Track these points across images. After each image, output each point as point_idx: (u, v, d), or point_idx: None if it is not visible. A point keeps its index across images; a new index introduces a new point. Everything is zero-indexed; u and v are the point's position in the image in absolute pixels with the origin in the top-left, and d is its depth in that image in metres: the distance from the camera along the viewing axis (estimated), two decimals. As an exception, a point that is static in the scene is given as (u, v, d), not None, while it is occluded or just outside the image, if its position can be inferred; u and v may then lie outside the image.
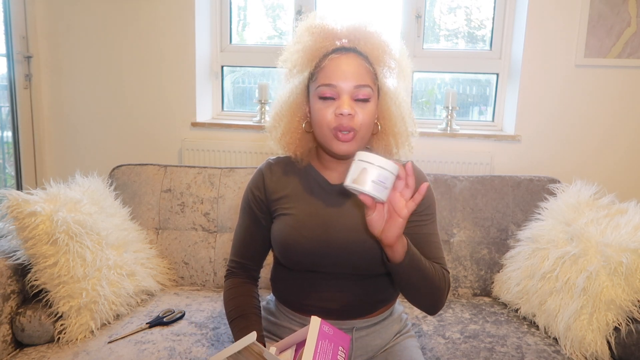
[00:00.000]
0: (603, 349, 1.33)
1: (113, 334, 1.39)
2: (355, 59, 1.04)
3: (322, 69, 1.04)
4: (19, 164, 2.29)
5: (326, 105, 1.03)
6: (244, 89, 2.53)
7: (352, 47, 1.07)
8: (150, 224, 1.81)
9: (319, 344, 0.90)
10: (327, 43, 1.07)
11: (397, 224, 0.90)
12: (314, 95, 1.05)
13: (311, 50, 1.07)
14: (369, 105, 1.04)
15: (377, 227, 0.91)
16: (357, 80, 1.02)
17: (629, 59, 2.03)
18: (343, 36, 1.08)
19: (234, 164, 2.20)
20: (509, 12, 2.20)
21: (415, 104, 2.40)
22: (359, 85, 1.02)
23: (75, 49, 2.29)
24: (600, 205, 1.55)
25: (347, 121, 1.01)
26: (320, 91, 1.03)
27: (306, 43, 1.07)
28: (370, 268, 1.09)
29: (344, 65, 1.02)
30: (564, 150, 2.14)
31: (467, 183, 1.79)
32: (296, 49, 1.09)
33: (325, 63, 1.04)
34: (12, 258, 1.42)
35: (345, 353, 0.94)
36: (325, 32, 1.07)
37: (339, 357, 0.93)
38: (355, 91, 1.02)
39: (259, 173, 1.18)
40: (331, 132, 1.03)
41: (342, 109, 1.00)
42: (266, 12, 2.49)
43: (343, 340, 0.95)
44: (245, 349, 0.86)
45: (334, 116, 1.02)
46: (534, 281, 1.51)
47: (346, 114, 1.00)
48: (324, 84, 1.02)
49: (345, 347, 0.95)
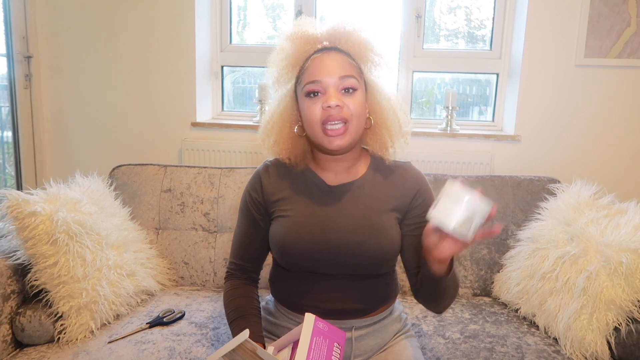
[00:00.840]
0: (603, 349, 1.33)
1: (113, 334, 1.39)
2: (337, 54, 1.06)
3: (306, 69, 1.06)
4: (19, 164, 2.29)
5: (313, 102, 1.04)
6: (244, 89, 2.53)
7: (333, 46, 1.09)
8: (150, 224, 1.81)
9: (313, 341, 0.90)
10: (309, 47, 1.09)
11: (457, 247, 0.89)
12: (301, 95, 1.07)
13: (294, 56, 1.09)
14: (356, 95, 1.05)
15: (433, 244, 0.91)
16: (341, 71, 1.03)
17: (629, 59, 2.03)
18: (324, 39, 1.10)
19: (234, 164, 2.20)
20: (509, 12, 2.20)
21: (415, 104, 2.40)
22: (343, 76, 1.03)
23: (75, 49, 2.29)
24: (600, 205, 1.55)
25: (336, 112, 1.02)
26: (307, 89, 1.05)
27: (288, 51, 1.10)
28: (368, 268, 1.09)
29: (327, 61, 1.04)
30: (564, 150, 2.14)
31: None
32: (280, 58, 1.11)
33: (309, 64, 1.06)
34: (12, 258, 1.42)
35: (340, 349, 0.94)
36: (305, 38, 1.09)
37: (334, 353, 0.93)
38: (341, 82, 1.03)
39: (256, 175, 1.19)
40: (321, 129, 1.03)
41: (329, 102, 1.01)
42: (266, 12, 2.49)
43: (338, 337, 0.95)
44: (239, 347, 0.87)
45: (322, 110, 1.03)
46: (534, 281, 1.51)
47: (334, 106, 1.01)
48: (309, 81, 1.04)
49: (341, 343, 0.95)
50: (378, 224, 1.09)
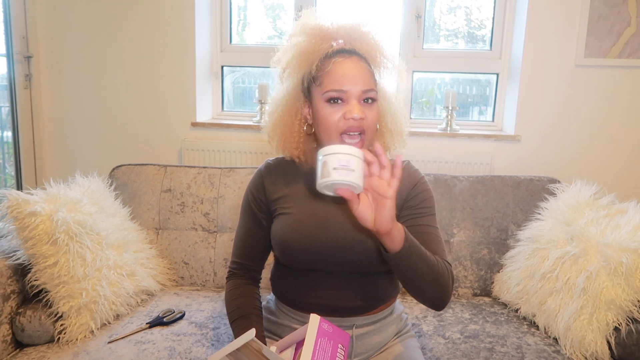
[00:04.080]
0: (603, 349, 1.33)
1: (113, 334, 1.39)
2: (359, 62, 1.05)
3: (327, 73, 1.04)
4: (19, 164, 2.29)
5: (334, 110, 1.03)
6: (244, 89, 2.53)
7: (351, 49, 1.07)
8: (150, 224, 1.81)
9: (318, 342, 0.90)
10: (324, 45, 1.07)
11: (387, 207, 0.85)
12: (320, 99, 1.04)
13: (307, 52, 1.07)
14: (375, 106, 1.05)
15: (368, 219, 0.87)
16: (365, 84, 1.03)
17: (629, 59, 2.03)
18: (339, 36, 1.08)
19: (234, 164, 2.20)
20: (509, 12, 2.20)
21: (415, 104, 2.40)
22: (367, 90, 1.03)
23: (75, 49, 2.29)
24: (600, 205, 1.55)
25: (357, 124, 1.01)
26: (330, 95, 1.03)
27: (301, 44, 1.07)
28: (370, 266, 1.09)
29: (351, 70, 1.03)
30: (564, 150, 2.14)
31: (467, 183, 1.79)
32: (290, 50, 1.09)
33: (330, 67, 1.03)
34: (12, 258, 1.42)
35: (344, 351, 0.94)
36: (320, 33, 1.07)
37: (338, 354, 0.92)
38: (363, 95, 1.03)
39: (258, 174, 1.19)
40: (339, 137, 1.03)
41: (353, 114, 1.00)
42: (266, 12, 2.49)
43: (342, 338, 0.95)
44: (244, 346, 0.86)
45: (343, 120, 1.02)
46: (534, 281, 1.51)
47: (357, 119, 1.01)
48: (333, 89, 1.02)
49: (345, 344, 0.95)
50: None
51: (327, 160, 0.84)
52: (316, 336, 0.90)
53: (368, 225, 0.88)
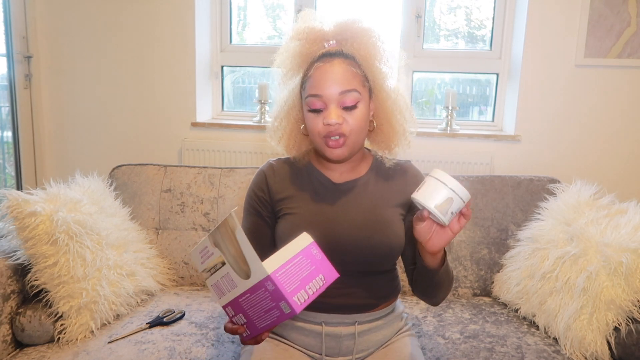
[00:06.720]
0: (603, 349, 1.33)
1: (113, 334, 1.39)
2: (341, 64, 1.05)
3: (309, 77, 1.06)
4: (19, 164, 2.29)
5: (315, 116, 1.06)
6: (244, 89, 2.53)
7: (338, 50, 1.08)
8: (150, 224, 1.81)
9: (296, 257, 0.82)
10: (315, 47, 1.08)
11: (447, 237, 0.95)
12: (305, 104, 1.08)
13: (300, 55, 1.09)
14: (357, 111, 1.06)
15: (424, 236, 0.96)
16: (343, 86, 1.03)
17: (629, 59, 2.03)
18: (331, 37, 1.09)
19: (234, 164, 2.20)
20: (509, 12, 2.20)
21: (415, 104, 2.40)
22: (344, 91, 1.03)
23: (75, 49, 2.29)
24: (600, 205, 1.55)
25: (336, 129, 1.04)
26: (309, 102, 1.06)
27: (295, 48, 1.10)
28: (374, 264, 1.11)
29: (329, 74, 1.04)
30: (564, 150, 2.14)
31: (467, 183, 1.78)
32: (286, 53, 1.11)
33: (312, 72, 1.06)
34: (12, 258, 1.42)
35: (324, 283, 0.85)
36: (312, 35, 1.08)
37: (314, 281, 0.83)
38: (342, 98, 1.04)
39: (260, 174, 1.19)
40: (323, 140, 1.06)
41: (329, 120, 1.03)
42: (266, 12, 2.49)
43: (328, 272, 0.87)
44: (222, 224, 0.79)
45: (322, 125, 1.05)
46: (534, 281, 1.51)
47: (334, 124, 1.03)
48: (311, 94, 1.05)
49: (328, 279, 0.86)
50: (384, 218, 1.11)
51: (453, 200, 0.88)
52: (298, 252, 0.84)
53: (420, 240, 0.97)
